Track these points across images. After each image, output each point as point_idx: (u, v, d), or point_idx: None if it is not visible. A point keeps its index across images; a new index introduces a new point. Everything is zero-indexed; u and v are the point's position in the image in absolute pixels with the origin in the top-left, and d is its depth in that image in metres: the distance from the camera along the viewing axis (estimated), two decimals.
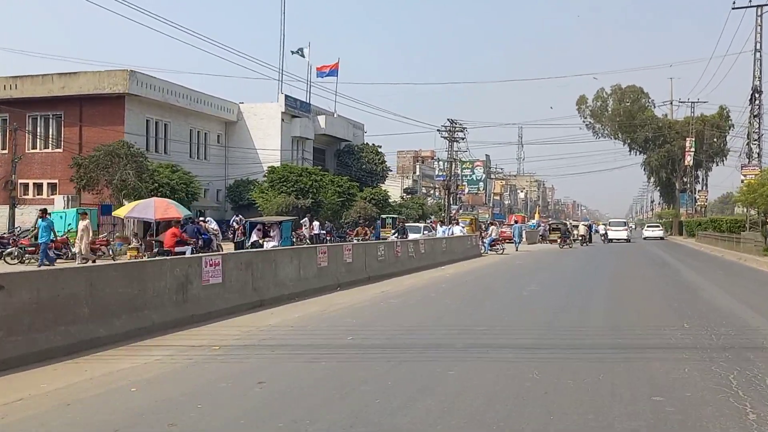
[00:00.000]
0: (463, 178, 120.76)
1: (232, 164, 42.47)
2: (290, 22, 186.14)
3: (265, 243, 23.52)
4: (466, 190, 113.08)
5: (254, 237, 23.99)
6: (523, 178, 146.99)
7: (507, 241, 42.47)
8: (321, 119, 47.37)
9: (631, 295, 13.57)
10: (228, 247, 26.63)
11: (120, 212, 21.99)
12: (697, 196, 60.18)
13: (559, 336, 8.52)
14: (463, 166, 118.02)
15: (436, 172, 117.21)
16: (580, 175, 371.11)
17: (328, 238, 32.39)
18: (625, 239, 46.28)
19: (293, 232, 29.09)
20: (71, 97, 35.11)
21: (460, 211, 47.34)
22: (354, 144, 51.62)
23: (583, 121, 65.40)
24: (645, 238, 50.91)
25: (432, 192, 79.16)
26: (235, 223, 35.08)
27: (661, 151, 61.54)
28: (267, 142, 42.34)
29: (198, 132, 41.16)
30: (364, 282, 15.75)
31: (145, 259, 16.77)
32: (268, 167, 37.46)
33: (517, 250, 34.83)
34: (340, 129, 49.97)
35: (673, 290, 14.37)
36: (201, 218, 22.08)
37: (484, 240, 30.46)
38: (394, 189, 69.92)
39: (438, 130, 59.24)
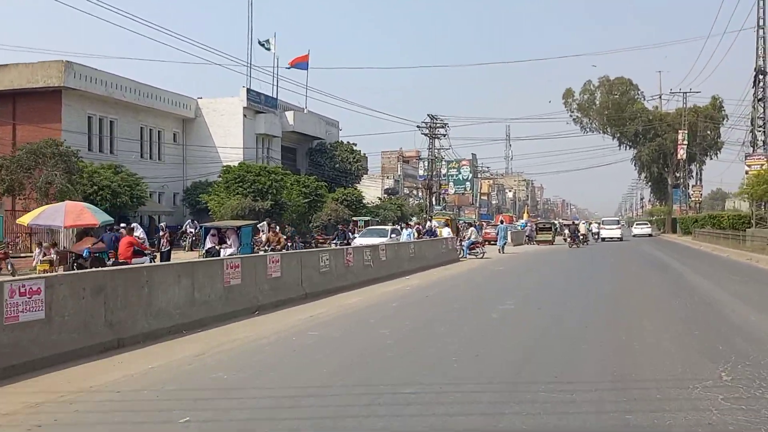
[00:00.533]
0: (449, 178, 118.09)
1: (192, 164, 38.95)
2: (258, 13, 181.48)
3: (221, 251, 20.55)
4: (452, 191, 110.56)
5: (209, 244, 21.04)
6: (511, 178, 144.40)
7: (491, 242, 39.70)
8: (289, 115, 43.95)
9: (635, 317, 10.23)
10: (177, 256, 23.45)
11: (24, 219, 18.52)
12: (691, 192, 57.27)
13: (528, 407, 5.20)
14: (449, 165, 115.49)
15: (420, 172, 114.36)
16: (569, 174, 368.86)
17: (289, 244, 29.01)
18: (618, 238, 45.60)
19: (253, 238, 25.91)
20: (3, 92, 31.51)
21: (434, 212, 44.30)
22: (327, 142, 48.23)
23: (570, 115, 62.41)
24: (634, 236, 52.34)
25: (414, 192, 75.88)
26: (189, 228, 31.80)
27: (652, 145, 58.61)
28: (228, 140, 38.87)
29: (150, 130, 37.61)
30: (298, 301, 12.46)
31: (58, 273, 13.43)
32: (223, 167, 33.98)
33: (501, 253, 31.65)
34: (311, 126, 46.55)
35: (688, 307, 11.11)
36: (124, 225, 18.63)
37: (463, 243, 27.17)
38: (374, 190, 66.70)
39: (418, 126, 56.12)
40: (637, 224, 60.19)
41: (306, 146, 48.04)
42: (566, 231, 46.37)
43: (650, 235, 51.47)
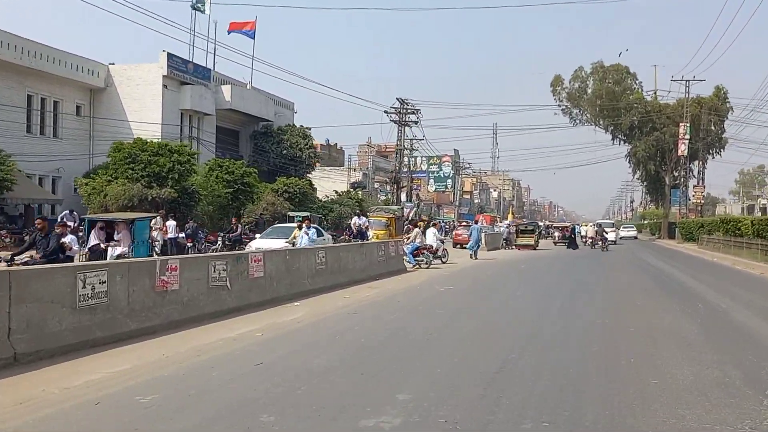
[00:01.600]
0: (429, 174, 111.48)
1: (102, 143, 31.89)
2: None
3: (109, 249, 15.07)
4: (433, 188, 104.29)
5: (93, 240, 15.36)
6: (495, 177, 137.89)
7: (463, 246, 32.95)
8: (225, 90, 36.96)
9: None
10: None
11: None
12: (692, 193, 50.95)
13: None
14: (430, 162, 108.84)
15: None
16: (556, 176, 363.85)
17: (189, 244, 22.20)
18: (612, 241, 40.92)
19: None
20: None
21: (373, 208, 38.23)
22: (275, 125, 41.33)
23: (559, 105, 55.93)
24: (621, 238, 50.57)
25: (386, 187, 69.02)
26: (67, 221, 24.87)
27: (648, 139, 52.24)
28: (145, 115, 31.93)
29: (43, 99, 30.57)
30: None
31: None
32: (113, 144, 26.93)
33: (473, 259, 24.92)
34: (255, 105, 39.60)
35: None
36: None
37: (405, 247, 20.53)
38: (340, 184, 59.92)
39: (386, 112, 49.35)
40: (623, 227, 61.95)
41: (251, 129, 41.17)
42: (555, 234, 42.71)
43: (635, 238, 53.55)
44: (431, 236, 22.90)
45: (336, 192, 44.21)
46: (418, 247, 20.53)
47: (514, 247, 36.94)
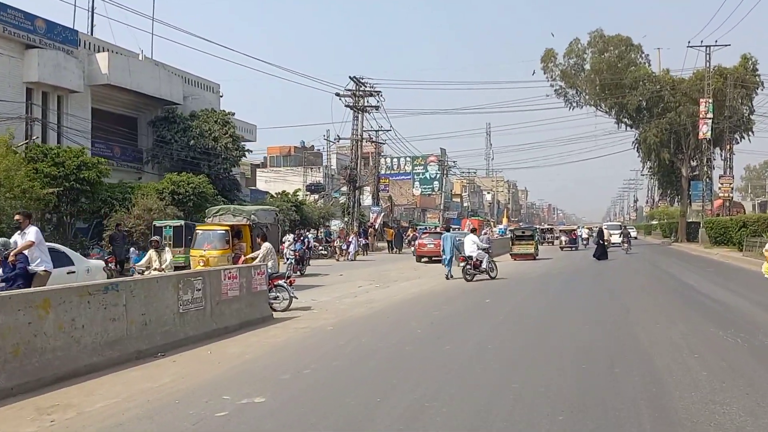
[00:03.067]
0: (414, 176, 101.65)
1: None
2: None
3: None
4: (418, 191, 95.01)
5: None
6: (489, 179, 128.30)
7: (434, 258, 26.71)
8: (101, 59, 27.54)
9: None
10: None
11: None
12: (719, 184, 41.57)
13: None
14: (414, 162, 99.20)
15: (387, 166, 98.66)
16: (555, 177, 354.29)
17: None
18: (618, 244, 36.72)
19: None
20: None
21: (213, 211, 28.74)
22: (182, 108, 31.97)
23: (551, 85, 46.65)
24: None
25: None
26: None
27: (661, 122, 42.93)
28: None
29: None
30: None
31: None
32: None
33: (448, 278, 19.71)
34: (151, 82, 30.11)
35: None
36: None
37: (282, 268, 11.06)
38: (294, 185, 50.64)
39: (337, 95, 40.04)
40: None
41: (152, 114, 31.77)
42: (562, 239, 38.57)
43: (635, 238, 47.76)
44: (470, 244, 18.97)
45: (273, 195, 34.86)
46: (273, 275, 11.05)
47: (512, 255, 30.31)
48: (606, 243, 29.32)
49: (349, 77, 39.18)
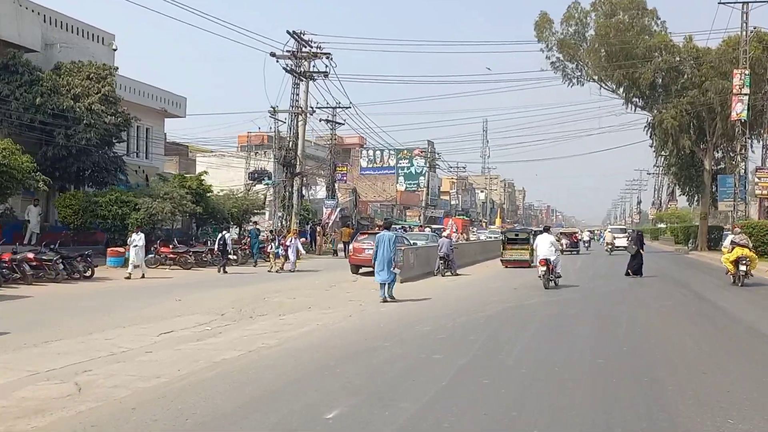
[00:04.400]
0: (399, 171, 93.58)
1: None
2: None
3: None
4: (403, 187, 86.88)
5: None
6: (483, 179, 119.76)
7: (366, 267, 19.83)
8: None
9: None
10: None
11: None
12: (756, 179, 33.11)
13: None
14: (399, 156, 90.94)
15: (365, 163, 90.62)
16: (553, 175, 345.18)
17: None
18: (624, 247, 34.29)
19: None
20: None
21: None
22: (39, 57, 23.49)
23: (547, 57, 38.27)
24: (616, 247, 41.14)
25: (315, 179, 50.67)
26: None
27: (680, 102, 34.55)
28: None
29: None
30: None
31: None
32: None
33: (385, 301, 13.78)
34: None
35: None
36: None
37: None
38: (236, 171, 42.34)
39: (273, 55, 31.47)
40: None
41: None
42: (562, 241, 34.40)
43: (625, 248, 37.94)
44: (547, 246, 16.36)
45: (165, 179, 26.29)
46: None
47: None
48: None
49: (288, 32, 30.66)
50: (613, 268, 24.59)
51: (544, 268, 16.00)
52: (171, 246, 22.12)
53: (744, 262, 16.19)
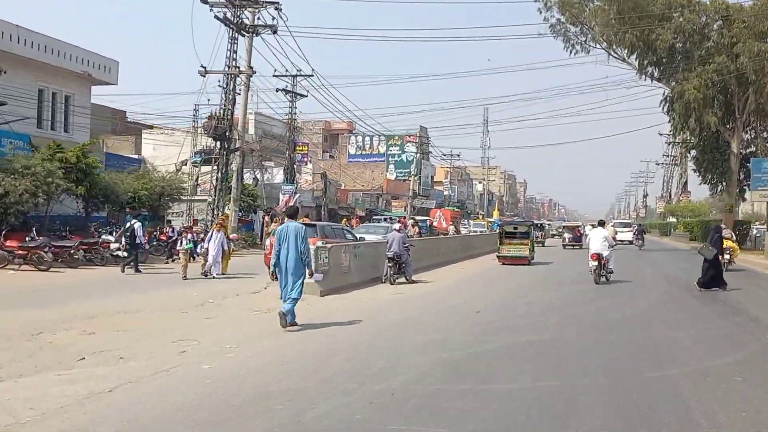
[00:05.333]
0: (390, 159, 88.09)
1: None
2: None
3: None
4: (393, 175, 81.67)
5: None
6: (486, 169, 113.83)
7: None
8: None
9: None
10: None
11: None
12: None
13: None
14: (390, 142, 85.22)
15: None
16: (557, 170, 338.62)
17: None
18: (629, 241, 37.53)
19: None
20: None
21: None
22: None
23: (546, 20, 32.18)
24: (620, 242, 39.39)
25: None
26: None
27: (706, 70, 28.52)
28: None
29: None
30: None
31: None
32: None
33: (287, 327, 8.61)
34: None
35: None
36: None
37: None
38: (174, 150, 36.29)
39: (205, 1, 25.38)
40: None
41: None
42: (565, 235, 35.66)
43: (630, 242, 39.37)
44: (600, 240, 15.60)
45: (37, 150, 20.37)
46: None
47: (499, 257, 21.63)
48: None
49: None
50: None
51: (596, 263, 15.51)
52: (27, 238, 16.31)
53: (728, 251, 18.57)
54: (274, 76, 32.49)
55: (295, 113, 33.47)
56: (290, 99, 32.99)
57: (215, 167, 25.03)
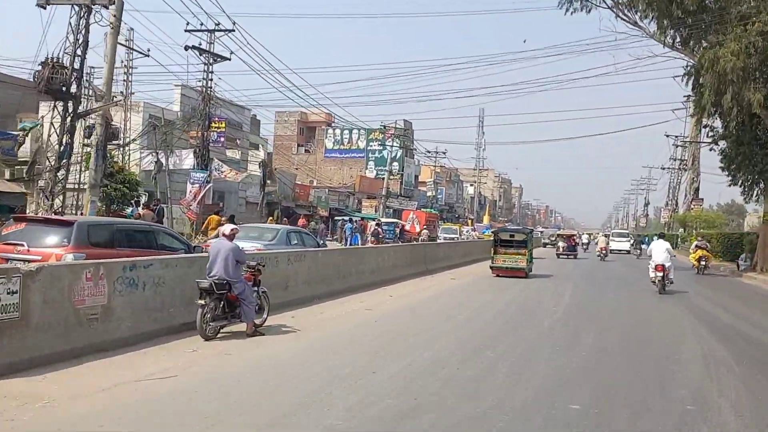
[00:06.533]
0: (369, 154, 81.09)
1: None
2: None
3: None
4: (373, 173, 76.01)
5: None
6: (469, 173, 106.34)
7: None
8: None
9: None
10: None
11: None
12: None
13: None
14: (369, 137, 78.08)
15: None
16: (554, 179, 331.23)
17: None
18: (626, 251, 40.60)
19: None
20: None
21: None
22: None
23: None
24: (611, 251, 39.48)
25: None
26: None
27: (747, 33, 21.18)
28: None
29: None
30: None
31: None
32: None
33: None
34: None
35: None
36: None
37: None
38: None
39: None
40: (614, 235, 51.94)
41: None
42: (560, 244, 34.08)
43: (628, 252, 41.01)
44: (661, 252, 16.30)
45: None
46: None
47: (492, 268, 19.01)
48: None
49: None
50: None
51: (661, 274, 16.06)
52: None
53: (704, 259, 24.96)
54: (186, 31, 25.17)
55: (212, 79, 25.94)
56: (205, 61, 25.49)
57: (50, 135, 17.52)
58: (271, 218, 24.48)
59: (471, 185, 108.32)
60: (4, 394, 5.44)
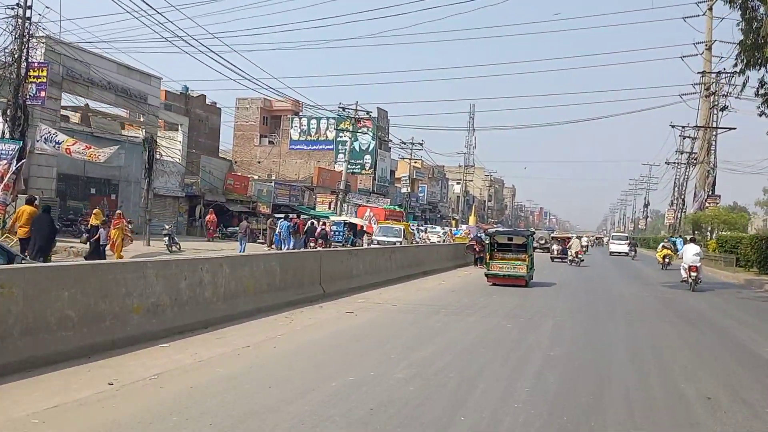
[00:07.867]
0: (339, 145, 73.37)
1: None
2: None
3: None
4: (344, 167, 67.36)
5: None
6: (455, 172, 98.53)
7: None
8: None
9: None
10: None
11: None
12: None
13: None
14: (339, 127, 70.08)
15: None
16: (550, 180, 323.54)
17: None
18: (625, 253, 42.04)
19: None
20: None
21: None
22: None
23: None
24: (611, 253, 44.61)
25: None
26: None
27: None
28: None
29: None
30: None
31: None
32: None
33: None
34: None
35: None
36: None
37: None
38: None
39: None
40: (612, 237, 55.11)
41: None
42: (554, 247, 33.28)
43: (627, 254, 42.44)
44: (692, 254, 17.53)
45: None
46: None
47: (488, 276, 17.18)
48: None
49: None
50: None
51: (695, 274, 17.17)
52: None
53: (668, 258, 27.90)
54: None
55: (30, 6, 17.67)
56: None
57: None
58: (97, 210, 16.65)
59: (457, 183, 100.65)
60: None
